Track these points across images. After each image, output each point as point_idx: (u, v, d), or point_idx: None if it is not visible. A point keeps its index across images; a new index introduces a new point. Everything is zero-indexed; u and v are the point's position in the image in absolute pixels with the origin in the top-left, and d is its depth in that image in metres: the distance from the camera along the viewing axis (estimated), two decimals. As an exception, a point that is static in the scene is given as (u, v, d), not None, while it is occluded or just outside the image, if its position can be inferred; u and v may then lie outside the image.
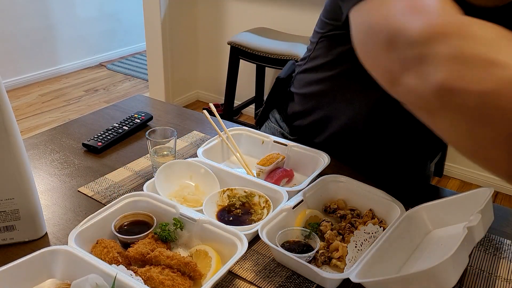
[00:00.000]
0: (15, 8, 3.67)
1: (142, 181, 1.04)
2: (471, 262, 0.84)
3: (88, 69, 4.35)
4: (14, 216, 0.82)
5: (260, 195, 0.94)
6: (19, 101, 3.63)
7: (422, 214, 0.87)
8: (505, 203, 2.53)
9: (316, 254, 0.82)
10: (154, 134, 1.05)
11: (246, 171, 1.07)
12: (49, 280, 0.75)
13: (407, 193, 1.02)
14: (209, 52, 3.48)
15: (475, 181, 2.66)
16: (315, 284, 0.78)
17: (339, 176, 0.97)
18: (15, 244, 0.85)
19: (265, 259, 0.83)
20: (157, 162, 1.02)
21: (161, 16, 3.15)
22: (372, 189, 0.93)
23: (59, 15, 4.01)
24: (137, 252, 0.78)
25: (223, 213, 0.92)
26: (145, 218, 0.86)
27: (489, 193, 0.76)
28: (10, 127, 0.76)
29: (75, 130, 1.27)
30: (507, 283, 0.80)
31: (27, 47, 3.85)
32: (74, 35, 4.19)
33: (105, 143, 1.17)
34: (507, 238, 0.90)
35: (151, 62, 3.37)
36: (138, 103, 1.46)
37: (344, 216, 0.91)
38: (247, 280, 0.79)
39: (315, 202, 0.93)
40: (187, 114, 1.40)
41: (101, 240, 0.80)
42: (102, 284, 0.67)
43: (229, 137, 1.14)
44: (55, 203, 0.96)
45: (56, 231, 0.89)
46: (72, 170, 1.08)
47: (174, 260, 0.74)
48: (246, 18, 3.16)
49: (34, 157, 1.13)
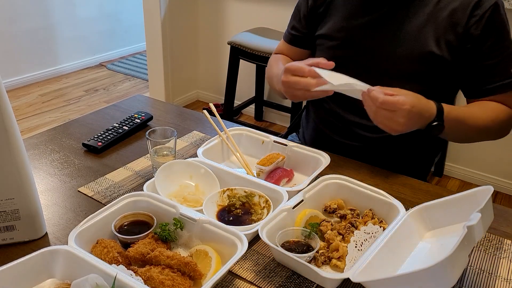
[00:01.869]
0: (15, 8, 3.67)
1: (142, 181, 1.04)
2: (471, 262, 0.84)
3: (88, 69, 4.35)
4: (14, 216, 0.82)
5: (260, 195, 0.94)
6: (19, 101, 3.63)
7: (422, 214, 0.87)
8: (505, 203, 2.53)
9: (316, 254, 0.82)
10: (154, 134, 1.05)
11: (246, 171, 1.07)
12: (49, 280, 0.75)
13: (407, 193, 1.02)
14: (209, 52, 3.48)
15: (475, 181, 2.66)
16: (315, 284, 0.78)
17: (339, 176, 0.97)
18: (15, 244, 0.85)
19: (265, 259, 0.83)
20: (157, 162, 1.02)
21: (161, 16, 3.15)
22: (372, 189, 0.93)
23: (59, 15, 4.01)
24: (137, 252, 0.78)
25: (223, 213, 0.92)
26: (145, 218, 0.86)
27: (489, 193, 0.76)
28: (10, 127, 0.76)
29: (75, 130, 1.27)
30: (507, 283, 0.80)
31: (27, 47, 3.85)
32: (74, 35, 4.18)
33: (105, 143, 1.17)
34: (507, 238, 0.90)
35: (151, 62, 3.36)
36: (138, 103, 1.46)
37: (344, 216, 0.91)
38: (247, 280, 0.79)
39: (315, 202, 0.93)
40: (187, 114, 1.40)
41: (101, 240, 0.80)
42: (102, 284, 0.67)
43: (229, 137, 1.14)
44: (55, 203, 0.96)
45: (56, 231, 0.89)
46: (72, 170, 1.08)
47: (174, 260, 0.74)
48: (246, 18, 3.16)
49: (34, 157, 1.13)
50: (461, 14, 1.09)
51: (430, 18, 1.11)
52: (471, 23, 1.08)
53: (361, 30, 1.18)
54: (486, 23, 1.07)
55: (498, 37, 1.09)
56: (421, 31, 1.11)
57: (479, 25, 1.08)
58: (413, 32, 1.12)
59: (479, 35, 1.08)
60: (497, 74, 1.11)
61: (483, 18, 1.07)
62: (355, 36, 1.19)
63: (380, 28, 1.16)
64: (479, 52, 1.10)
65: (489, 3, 1.08)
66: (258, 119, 3.38)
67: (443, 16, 1.10)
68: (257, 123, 3.34)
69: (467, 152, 2.65)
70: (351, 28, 1.19)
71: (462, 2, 1.10)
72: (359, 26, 1.18)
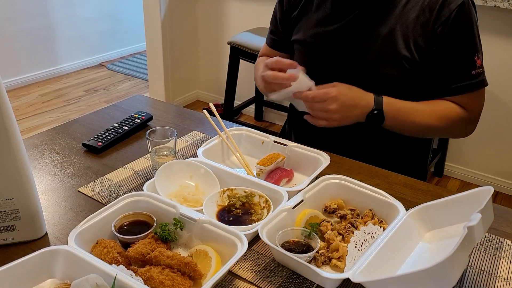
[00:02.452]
0: (15, 8, 3.67)
1: (142, 181, 1.04)
2: (471, 262, 0.84)
3: (88, 69, 4.35)
4: (14, 216, 0.82)
5: (260, 195, 0.93)
6: (19, 101, 3.63)
7: (422, 214, 0.87)
8: (505, 203, 2.53)
9: (316, 254, 0.82)
10: (154, 134, 1.05)
11: (246, 171, 1.07)
12: (49, 280, 0.75)
13: (407, 193, 1.02)
14: (209, 52, 3.48)
15: (475, 181, 2.66)
16: (315, 284, 0.78)
17: (339, 176, 0.97)
18: (15, 244, 0.85)
19: (265, 259, 0.83)
20: (157, 162, 1.02)
21: (161, 16, 3.15)
22: (372, 189, 0.93)
23: (59, 15, 4.01)
24: (137, 252, 0.78)
25: (223, 213, 0.91)
26: (145, 218, 0.86)
27: (489, 193, 0.76)
28: (10, 127, 0.76)
29: (75, 130, 1.27)
30: (507, 283, 0.80)
31: (27, 47, 3.85)
32: (74, 35, 4.18)
33: (105, 143, 1.17)
34: (507, 238, 0.90)
35: (151, 62, 3.36)
36: (138, 103, 1.46)
37: (344, 216, 0.90)
38: (247, 280, 0.79)
39: (315, 202, 0.93)
40: (187, 114, 1.40)
41: (101, 240, 0.80)
42: (102, 284, 0.67)
43: (229, 137, 1.14)
44: (55, 203, 0.96)
45: (56, 231, 0.89)
46: (72, 170, 1.08)
47: (174, 260, 0.74)
48: (246, 18, 3.16)
49: (34, 157, 1.13)
50: (428, 15, 1.09)
51: (399, 20, 1.11)
52: (437, 24, 1.08)
53: (333, 36, 1.19)
54: (451, 23, 1.07)
55: (463, 37, 1.09)
56: (391, 34, 1.12)
57: (445, 26, 1.08)
58: (384, 35, 1.13)
59: (444, 36, 1.08)
60: (457, 75, 1.11)
61: (449, 18, 1.07)
62: (328, 41, 1.20)
63: (352, 33, 1.17)
64: (443, 53, 1.10)
65: (456, 3, 1.07)
66: (258, 119, 3.38)
67: (412, 17, 1.10)
68: (257, 123, 3.34)
69: (467, 152, 2.65)
70: (323, 34, 1.20)
71: (429, 3, 1.09)
72: (331, 31, 1.19)
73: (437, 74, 1.13)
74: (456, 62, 1.11)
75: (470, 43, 1.10)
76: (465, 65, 1.11)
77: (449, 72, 1.12)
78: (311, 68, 1.12)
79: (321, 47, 1.21)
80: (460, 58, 1.10)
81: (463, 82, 1.11)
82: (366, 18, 1.15)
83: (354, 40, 1.16)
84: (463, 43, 1.09)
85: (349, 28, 1.17)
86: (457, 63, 1.11)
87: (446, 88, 1.13)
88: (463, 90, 1.12)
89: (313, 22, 1.23)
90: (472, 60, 1.10)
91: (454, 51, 1.10)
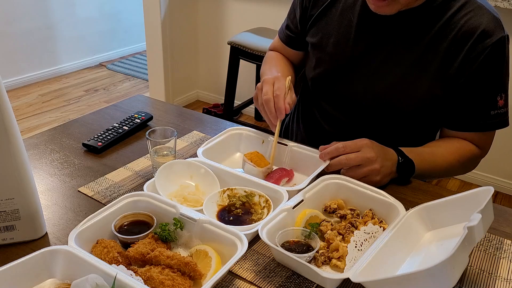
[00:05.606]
0: (15, 8, 3.67)
1: (142, 181, 1.04)
2: (471, 262, 0.84)
3: (88, 69, 4.35)
4: (14, 216, 0.82)
5: (260, 195, 0.93)
6: (19, 101, 3.63)
7: (422, 214, 0.87)
8: (505, 203, 2.53)
9: (316, 254, 0.82)
10: (154, 134, 1.05)
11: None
12: (49, 280, 0.75)
13: (407, 193, 1.02)
14: (209, 52, 3.48)
15: (475, 181, 2.66)
16: (315, 284, 0.78)
17: (339, 176, 0.97)
18: (15, 244, 0.85)
19: (265, 259, 0.83)
20: (157, 162, 1.02)
21: (161, 16, 3.15)
22: (372, 189, 0.93)
23: (59, 15, 4.01)
24: (137, 252, 0.78)
25: (223, 213, 0.91)
26: (145, 218, 0.86)
27: (489, 194, 0.76)
28: (10, 127, 0.76)
29: (75, 130, 1.27)
30: (507, 283, 0.80)
31: (27, 47, 3.85)
32: (74, 35, 4.18)
33: (105, 143, 1.17)
34: (507, 238, 0.90)
35: (151, 62, 3.37)
36: (138, 103, 1.46)
37: (344, 216, 0.90)
38: (247, 280, 0.79)
39: (315, 202, 0.93)
40: (187, 114, 1.40)
41: (101, 240, 0.80)
42: (102, 284, 0.67)
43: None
44: (55, 203, 0.96)
45: (56, 231, 0.88)
46: (72, 170, 1.08)
47: (174, 260, 0.74)
48: (246, 18, 3.16)
49: (34, 157, 1.13)
50: (460, 47, 1.02)
51: (427, 49, 1.05)
52: (467, 59, 1.02)
53: (354, 55, 1.14)
54: (482, 61, 1.01)
55: (490, 77, 1.04)
56: (415, 64, 1.06)
57: (474, 63, 1.02)
58: (407, 65, 1.07)
59: (472, 72, 1.03)
60: (475, 114, 1.07)
61: (481, 54, 1.01)
62: (346, 60, 1.15)
63: (373, 56, 1.11)
64: (466, 89, 1.05)
65: (492, 39, 1.00)
66: (258, 119, 3.38)
67: (441, 48, 1.04)
68: (257, 123, 3.34)
69: (467, 152, 2.64)
70: (343, 51, 1.15)
71: (463, 34, 1.02)
72: (352, 49, 1.14)
73: (455, 108, 1.09)
74: (477, 100, 1.06)
75: (496, 83, 1.05)
76: (486, 105, 1.06)
77: (467, 109, 1.07)
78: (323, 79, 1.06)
79: (338, 65, 1.17)
80: (481, 97, 1.06)
81: (479, 121, 1.07)
82: (391, 42, 1.09)
83: (374, 62, 1.12)
84: (488, 83, 1.04)
85: (371, 50, 1.11)
86: (477, 102, 1.06)
87: (461, 123, 1.09)
88: (478, 129, 1.08)
89: (334, 31, 1.17)
90: (493, 100, 1.05)
91: (477, 90, 1.05)
